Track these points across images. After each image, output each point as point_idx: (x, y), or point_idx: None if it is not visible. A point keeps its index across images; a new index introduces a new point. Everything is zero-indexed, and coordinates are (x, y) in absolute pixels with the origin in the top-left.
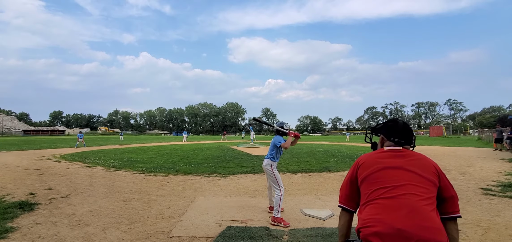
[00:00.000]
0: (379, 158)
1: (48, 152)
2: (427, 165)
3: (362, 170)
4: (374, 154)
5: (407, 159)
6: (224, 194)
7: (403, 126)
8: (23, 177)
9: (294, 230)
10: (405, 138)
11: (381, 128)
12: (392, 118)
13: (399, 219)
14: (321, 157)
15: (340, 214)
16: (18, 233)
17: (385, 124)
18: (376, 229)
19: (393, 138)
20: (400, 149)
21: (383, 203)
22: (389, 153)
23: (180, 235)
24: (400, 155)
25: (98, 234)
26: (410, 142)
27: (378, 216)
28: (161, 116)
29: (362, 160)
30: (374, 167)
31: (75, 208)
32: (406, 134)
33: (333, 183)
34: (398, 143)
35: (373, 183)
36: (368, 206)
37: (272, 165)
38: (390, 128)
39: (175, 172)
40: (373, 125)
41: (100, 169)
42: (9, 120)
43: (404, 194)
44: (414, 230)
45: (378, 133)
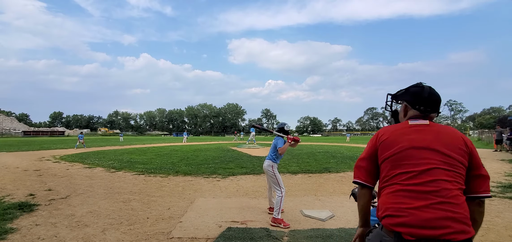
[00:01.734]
0: (404, 134)
1: (48, 152)
2: (456, 142)
3: (384, 148)
4: (397, 128)
5: (435, 135)
6: (224, 195)
7: (429, 92)
8: (23, 178)
9: (294, 231)
10: (432, 106)
11: (404, 94)
12: (416, 84)
13: (427, 209)
14: (321, 158)
15: (360, 193)
16: (18, 234)
17: (408, 89)
18: (403, 220)
19: (418, 106)
20: (427, 123)
21: (410, 189)
22: (415, 128)
23: (180, 236)
24: (427, 131)
25: (98, 235)
26: (437, 109)
27: (404, 204)
28: (161, 117)
29: (384, 135)
30: (398, 145)
31: (74, 209)
32: (434, 101)
33: (333, 184)
34: (424, 111)
35: (397, 165)
36: (391, 190)
37: (273, 166)
38: (415, 95)
39: (175, 172)
40: (374, 125)
41: (100, 169)
42: (9, 121)
43: (433, 181)
44: (443, 221)
45: (399, 101)
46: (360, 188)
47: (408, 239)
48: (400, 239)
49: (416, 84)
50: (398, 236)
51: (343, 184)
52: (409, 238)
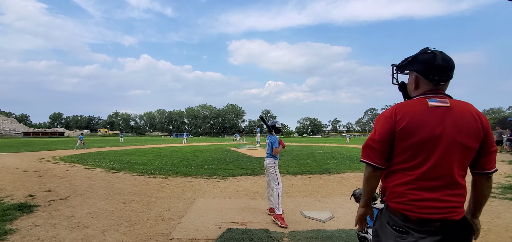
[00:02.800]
0: (424, 120)
1: (47, 153)
2: (475, 127)
3: (403, 135)
4: (416, 110)
5: (455, 122)
6: (224, 196)
7: (443, 57)
8: (22, 179)
9: (294, 232)
10: (448, 73)
11: (412, 63)
12: (424, 49)
13: (434, 202)
14: (321, 159)
15: (370, 174)
16: (17, 235)
17: (416, 57)
18: (410, 206)
19: (432, 76)
20: (448, 106)
21: (423, 185)
22: (435, 112)
23: (180, 237)
24: (448, 116)
25: (98, 236)
26: (452, 76)
27: (413, 196)
28: (161, 118)
29: (402, 119)
30: (419, 136)
31: (74, 210)
32: (449, 67)
33: (333, 185)
34: (439, 81)
35: (413, 157)
36: (401, 177)
37: (275, 163)
38: (427, 63)
39: (174, 173)
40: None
41: (99, 170)
42: (8, 122)
43: (446, 175)
44: (446, 210)
45: (407, 71)
46: (371, 170)
47: (413, 219)
48: (405, 219)
49: (424, 50)
50: (404, 217)
51: (343, 185)
52: (414, 218)
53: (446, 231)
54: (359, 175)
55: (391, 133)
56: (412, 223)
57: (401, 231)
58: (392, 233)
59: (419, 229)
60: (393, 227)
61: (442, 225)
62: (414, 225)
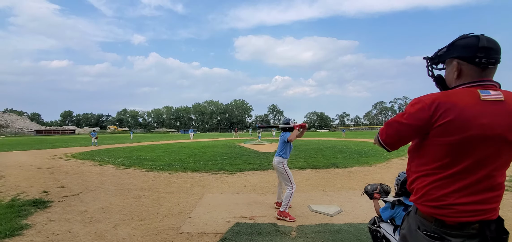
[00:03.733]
0: (475, 113)
1: (59, 151)
2: None
3: (446, 130)
4: (466, 100)
5: (508, 118)
6: (232, 191)
7: (487, 39)
8: (36, 176)
9: (302, 226)
10: (496, 55)
11: (449, 51)
12: (462, 35)
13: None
14: (329, 153)
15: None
16: (33, 230)
17: (454, 43)
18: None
19: (479, 58)
20: (501, 100)
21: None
22: (489, 106)
23: (189, 231)
24: (502, 111)
25: (110, 230)
26: (500, 60)
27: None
28: (169, 115)
29: (448, 113)
30: (468, 133)
31: (87, 205)
32: (496, 48)
33: (341, 179)
34: (487, 63)
35: (457, 157)
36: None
37: (284, 162)
38: (470, 47)
39: (183, 169)
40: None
41: (110, 167)
42: (21, 120)
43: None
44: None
45: (444, 61)
46: (378, 144)
47: (450, 224)
48: (441, 224)
49: (463, 35)
50: (440, 222)
51: (351, 179)
52: (451, 223)
53: (484, 232)
54: (367, 169)
55: (426, 124)
56: (448, 228)
57: (436, 237)
58: (425, 238)
59: (456, 233)
60: (425, 232)
61: (480, 226)
62: (451, 230)
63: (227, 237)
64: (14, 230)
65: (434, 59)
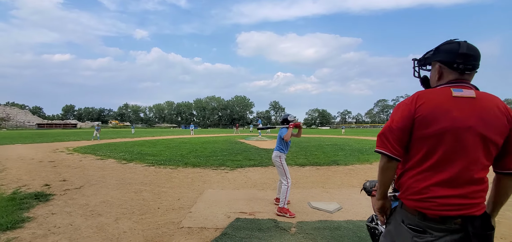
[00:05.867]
0: (447, 108)
1: (61, 144)
2: (501, 121)
3: (422, 124)
4: (439, 97)
5: (480, 113)
6: (232, 187)
7: (467, 46)
8: (38, 169)
9: (301, 223)
10: (473, 62)
11: (435, 55)
12: (447, 41)
13: (453, 198)
14: (329, 150)
15: (385, 165)
16: (35, 223)
17: (439, 48)
18: (429, 204)
19: (457, 64)
20: (472, 97)
21: (440, 178)
22: (459, 102)
23: (190, 226)
24: (473, 106)
25: (111, 224)
26: (478, 66)
27: (432, 193)
28: (170, 110)
29: (423, 107)
30: (439, 125)
31: (88, 198)
32: (474, 55)
33: (342, 176)
34: (465, 69)
35: (433, 150)
36: (420, 174)
37: (281, 157)
38: (451, 52)
39: (184, 164)
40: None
41: (111, 161)
42: (23, 114)
43: (467, 169)
44: (465, 207)
45: (429, 63)
46: (386, 160)
47: (432, 217)
48: (423, 217)
49: (448, 41)
50: (422, 215)
51: (351, 176)
52: (433, 216)
53: (467, 227)
54: (368, 167)
55: (410, 120)
56: (430, 222)
57: (419, 230)
58: (409, 232)
59: (439, 227)
60: (408, 226)
61: (463, 221)
62: (433, 223)
63: (227, 232)
64: (15, 223)
65: (421, 61)
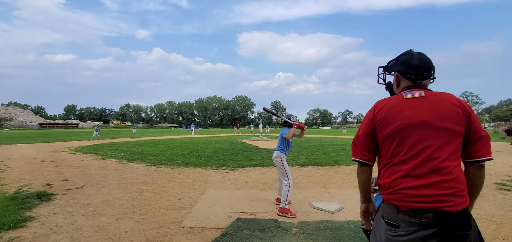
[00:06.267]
0: (400, 110)
1: (63, 144)
2: (454, 110)
3: (381, 125)
4: (393, 103)
5: (431, 108)
6: (233, 187)
7: (419, 57)
8: (40, 169)
9: (302, 223)
10: (423, 72)
11: (395, 64)
12: (406, 51)
13: (425, 188)
14: (331, 151)
15: (359, 171)
16: (37, 222)
17: (398, 58)
18: (400, 196)
19: (409, 75)
20: (422, 96)
21: (407, 168)
22: (410, 102)
23: (191, 226)
24: (423, 104)
25: (113, 223)
26: (430, 75)
27: (402, 184)
28: (171, 110)
29: (381, 111)
30: (395, 123)
31: (90, 198)
32: (424, 67)
33: (343, 176)
34: (416, 79)
35: (395, 145)
36: (389, 170)
37: (282, 157)
38: (405, 63)
39: (185, 164)
40: None
41: (113, 161)
42: (25, 113)
43: (431, 159)
44: (441, 197)
45: (392, 71)
46: (359, 166)
47: (404, 210)
48: (397, 209)
49: (406, 52)
50: (395, 208)
51: (352, 177)
52: (404, 209)
53: (440, 223)
54: None
55: (372, 126)
56: (403, 215)
57: (393, 225)
58: (384, 226)
59: (411, 221)
60: (386, 220)
61: (435, 216)
62: (406, 216)
63: (228, 232)
64: (17, 222)
65: (386, 68)
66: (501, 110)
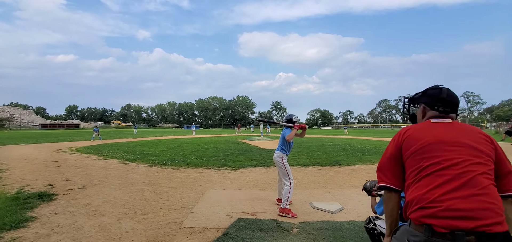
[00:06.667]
0: (428, 130)
1: (64, 144)
2: (481, 136)
3: (408, 143)
4: (421, 125)
5: (460, 131)
6: (234, 187)
7: (448, 93)
8: (41, 169)
9: (303, 223)
10: (451, 106)
11: (421, 97)
12: (433, 86)
13: (461, 200)
14: (331, 151)
15: (386, 197)
16: (38, 222)
17: (426, 91)
18: (435, 211)
19: (437, 106)
20: (449, 121)
21: (441, 181)
22: (439, 124)
23: (192, 226)
24: (451, 127)
25: (114, 223)
26: (456, 110)
27: (436, 194)
28: (172, 110)
29: (407, 132)
30: (423, 140)
31: (91, 198)
32: (452, 101)
33: (344, 177)
34: (444, 111)
35: (424, 158)
36: (419, 183)
37: (283, 157)
38: (434, 96)
39: (186, 164)
40: (386, 118)
41: (114, 161)
42: (26, 114)
43: (464, 172)
44: (478, 212)
45: (417, 104)
46: (386, 192)
47: (440, 232)
48: (430, 232)
49: (433, 86)
50: (429, 229)
51: (353, 177)
52: (441, 230)
53: None
54: (370, 167)
55: (398, 149)
56: (438, 238)
57: None
58: None
59: None
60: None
61: (477, 239)
62: (441, 238)
63: (229, 232)
64: (19, 222)
65: (412, 100)
66: (503, 110)
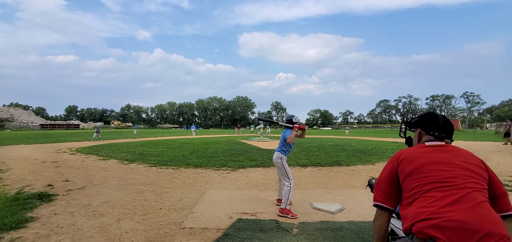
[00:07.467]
0: (423, 152)
1: (64, 145)
2: (474, 159)
3: (404, 164)
4: (416, 148)
5: (453, 153)
6: (234, 187)
7: (443, 119)
8: (41, 169)
9: (303, 223)
10: (446, 132)
11: (418, 122)
12: (429, 112)
13: (460, 212)
14: (331, 151)
15: (377, 214)
16: (38, 223)
17: (422, 117)
18: (436, 222)
19: (433, 131)
20: (443, 144)
21: (439, 195)
22: (433, 148)
23: (192, 227)
24: (444, 150)
25: (113, 224)
26: (451, 136)
27: (435, 208)
28: (172, 111)
29: (403, 154)
30: (419, 161)
31: (91, 199)
32: (447, 127)
33: (343, 177)
34: (439, 137)
35: (421, 177)
36: (418, 200)
37: (282, 158)
38: (429, 122)
39: (186, 165)
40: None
41: (114, 161)
42: (26, 114)
43: (462, 188)
44: (479, 223)
45: (413, 128)
46: (377, 209)
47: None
48: None
49: (429, 112)
50: None
51: (353, 177)
52: None
53: None
54: (370, 167)
55: (394, 170)
56: None
57: None
58: None
59: None
60: None
61: None
62: None
63: (229, 233)
64: (19, 223)
65: (409, 124)
66: (503, 110)
